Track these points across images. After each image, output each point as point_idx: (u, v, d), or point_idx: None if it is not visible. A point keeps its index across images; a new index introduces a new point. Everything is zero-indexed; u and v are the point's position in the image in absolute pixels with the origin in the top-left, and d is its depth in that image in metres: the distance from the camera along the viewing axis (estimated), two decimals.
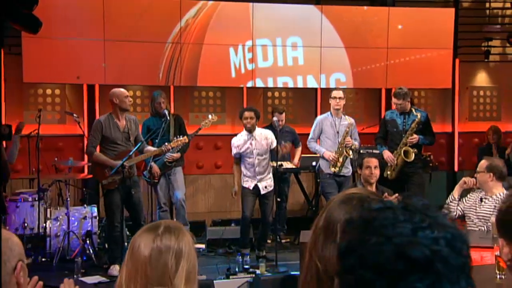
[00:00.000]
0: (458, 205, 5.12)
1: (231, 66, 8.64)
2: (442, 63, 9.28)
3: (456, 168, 9.60)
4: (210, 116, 7.36)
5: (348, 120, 7.24)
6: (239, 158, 7.15)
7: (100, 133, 6.59)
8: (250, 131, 7.01)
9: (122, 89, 6.76)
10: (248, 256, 6.57)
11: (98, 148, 6.72)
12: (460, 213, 5.09)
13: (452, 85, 9.54)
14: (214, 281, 5.53)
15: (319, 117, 7.58)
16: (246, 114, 7.04)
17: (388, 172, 7.21)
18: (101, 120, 6.67)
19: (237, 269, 6.26)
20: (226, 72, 8.63)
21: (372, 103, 9.47)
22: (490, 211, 4.78)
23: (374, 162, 5.74)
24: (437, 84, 9.48)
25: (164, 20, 8.44)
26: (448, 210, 5.04)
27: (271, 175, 7.21)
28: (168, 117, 7.11)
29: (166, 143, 6.93)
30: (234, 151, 7.15)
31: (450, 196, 5.25)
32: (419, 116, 7.05)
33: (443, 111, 9.78)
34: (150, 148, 6.95)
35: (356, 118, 9.11)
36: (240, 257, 6.37)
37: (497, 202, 4.75)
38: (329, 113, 7.43)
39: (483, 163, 5.06)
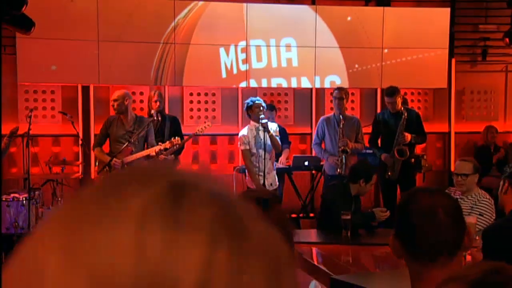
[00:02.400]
0: None
1: (221, 67, 8.64)
2: (438, 63, 9.26)
3: (452, 168, 9.55)
4: (205, 123, 7.33)
5: (351, 119, 7.27)
6: (249, 151, 6.88)
7: (106, 130, 6.75)
8: (259, 121, 6.71)
9: (120, 90, 6.84)
10: None
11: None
12: None
13: (449, 85, 9.52)
14: None
15: (321, 119, 7.55)
16: (258, 103, 6.86)
17: (389, 174, 7.24)
18: (109, 118, 6.87)
19: None
20: (216, 73, 8.63)
21: (368, 103, 9.45)
22: (467, 211, 4.75)
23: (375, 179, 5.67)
24: (433, 84, 9.46)
25: (158, 21, 8.48)
26: None
27: (274, 172, 7.13)
28: (155, 118, 7.10)
29: (160, 143, 6.94)
30: (243, 146, 6.91)
31: None
32: (405, 114, 7.10)
33: (439, 111, 9.75)
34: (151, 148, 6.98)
35: None
36: None
37: (474, 201, 4.75)
38: (333, 112, 7.46)
39: (457, 164, 5.04)
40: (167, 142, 6.87)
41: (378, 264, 4.31)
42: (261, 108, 6.78)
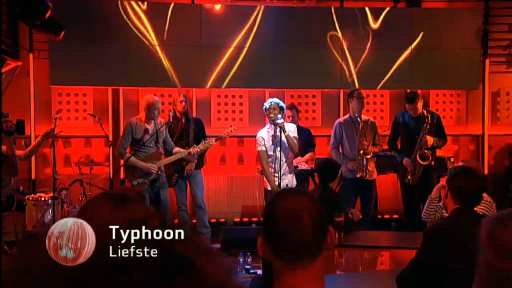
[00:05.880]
0: (437, 207, 5.02)
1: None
2: (470, 64, 9.07)
3: (485, 171, 9.34)
4: (231, 127, 7.40)
5: (367, 121, 7.25)
6: (266, 152, 6.97)
7: (131, 135, 6.79)
8: (274, 121, 6.79)
9: (151, 97, 6.91)
10: (250, 257, 6.57)
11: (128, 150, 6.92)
12: (440, 216, 4.99)
13: (482, 86, 9.32)
14: None
15: (337, 121, 7.45)
16: (272, 105, 6.92)
17: (409, 178, 7.15)
18: (131, 122, 6.87)
19: (238, 269, 6.31)
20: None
21: (396, 105, 9.32)
22: None
23: None
24: (464, 85, 9.28)
25: (187, 25, 8.65)
26: (428, 212, 4.96)
27: (292, 174, 7.13)
28: (171, 119, 7.21)
29: (195, 145, 7.05)
30: (259, 148, 7.00)
31: (428, 198, 5.14)
32: (429, 118, 6.99)
33: (473, 113, 9.52)
34: (179, 149, 7.09)
35: (380, 120, 9.10)
36: (241, 257, 6.42)
37: None
38: (348, 115, 7.39)
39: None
40: (202, 143, 6.99)
41: (363, 266, 4.30)
42: (275, 109, 6.81)
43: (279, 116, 6.76)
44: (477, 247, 1.73)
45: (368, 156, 7.11)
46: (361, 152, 7.09)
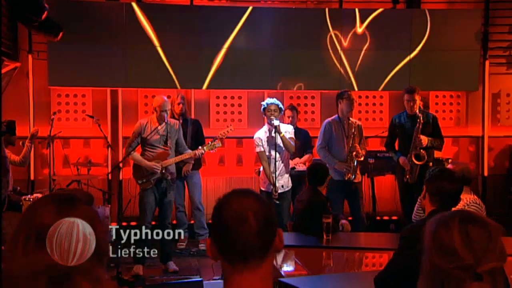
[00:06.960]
0: None
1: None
2: (469, 65, 9.04)
3: (486, 173, 9.31)
4: (228, 127, 7.37)
5: (354, 123, 7.16)
6: (264, 153, 6.95)
7: (139, 134, 6.78)
8: (271, 122, 6.80)
9: (161, 97, 6.84)
10: None
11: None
12: None
13: (482, 87, 9.28)
14: (204, 282, 5.59)
15: (326, 121, 7.33)
16: (270, 105, 6.92)
17: (407, 177, 7.13)
18: (141, 122, 6.86)
19: None
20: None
21: (396, 106, 9.29)
22: None
23: None
24: (464, 87, 9.25)
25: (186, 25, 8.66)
26: (419, 214, 4.93)
27: (288, 175, 7.10)
28: (166, 121, 7.21)
29: (200, 147, 7.02)
30: (258, 149, 7.00)
31: (418, 199, 5.10)
32: (421, 117, 6.97)
33: (473, 115, 9.48)
34: (188, 151, 7.08)
35: (379, 121, 9.09)
36: None
37: (462, 207, 4.63)
38: (336, 116, 7.33)
39: None
40: (208, 144, 6.97)
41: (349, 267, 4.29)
42: (274, 110, 6.82)
43: (273, 117, 6.77)
44: (423, 248, 1.74)
45: (361, 159, 7.06)
46: (353, 154, 7.03)
